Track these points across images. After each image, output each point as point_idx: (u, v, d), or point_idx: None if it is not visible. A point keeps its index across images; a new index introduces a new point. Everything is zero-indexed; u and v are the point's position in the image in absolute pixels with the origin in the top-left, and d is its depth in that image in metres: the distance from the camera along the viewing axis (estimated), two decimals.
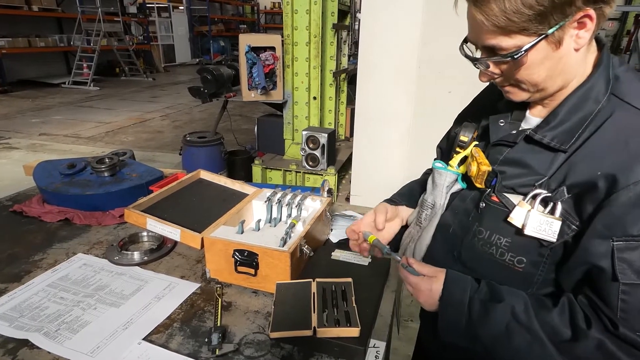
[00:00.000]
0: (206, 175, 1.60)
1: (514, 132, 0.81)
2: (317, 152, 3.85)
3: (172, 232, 1.23)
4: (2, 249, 1.32)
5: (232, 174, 4.06)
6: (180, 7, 15.82)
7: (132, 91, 10.29)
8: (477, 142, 0.88)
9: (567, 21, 0.65)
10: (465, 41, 0.76)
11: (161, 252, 1.32)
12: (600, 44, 0.76)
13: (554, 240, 0.71)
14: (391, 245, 1.03)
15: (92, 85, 10.28)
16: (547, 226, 0.71)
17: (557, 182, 0.72)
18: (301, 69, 3.93)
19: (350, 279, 1.09)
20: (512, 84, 0.76)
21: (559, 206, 0.71)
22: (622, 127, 0.69)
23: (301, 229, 1.23)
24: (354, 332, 0.93)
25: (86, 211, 1.54)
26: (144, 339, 0.96)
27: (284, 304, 1.01)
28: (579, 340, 0.67)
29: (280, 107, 4.19)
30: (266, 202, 1.37)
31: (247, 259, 1.11)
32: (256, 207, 1.41)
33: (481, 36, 0.70)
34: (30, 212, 1.54)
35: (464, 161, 0.88)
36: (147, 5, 13.78)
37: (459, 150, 0.89)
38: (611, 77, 0.72)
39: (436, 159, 1.04)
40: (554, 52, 0.68)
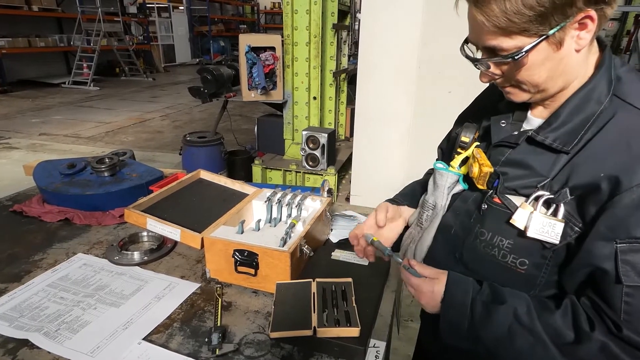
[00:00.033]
0: (206, 175, 1.60)
1: (516, 133, 0.80)
2: (317, 152, 3.84)
3: (172, 232, 1.23)
4: (2, 249, 1.32)
5: (232, 174, 4.06)
6: (180, 7, 15.82)
7: (132, 91, 10.28)
8: (479, 143, 0.87)
9: (568, 22, 0.65)
10: (466, 42, 0.75)
11: (161, 252, 1.32)
12: (602, 45, 0.75)
13: (557, 242, 0.71)
14: (393, 246, 1.02)
15: (92, 85, 10.28)
16: (549, 228, 0.71)
17: (559, 183, 0.72)
18: (301, 69, 3.93)
19: (350, 279, 1.09)
20: (512, 85, 0.75)
21: (562, 208, 0.70)
22: (624, 128, 0.68)
23: (301, 229, 1.23)
24: (354, 332, 0.93)
25: (86, 211, 1.54)
26: (144, 339, 0.96)
27: (284, 304, 1.01)
28: (582, 342, 0.67)
29: (280, 107, 4.19)
30: (266, 202, 1.37)
31: (247, 259, 1.11)
32: (256, 207, 1.41)
33: (482, 37, 0.70)
34: (30, 212, 1.54)
35: (465, 162, 0.87)
36: (147, 5, 13.78)
37: (460, 151, 0.88)
38: (613, 78, 0.72)
39: (437, 160, 1.03)
40: (555, 53, 0.68)
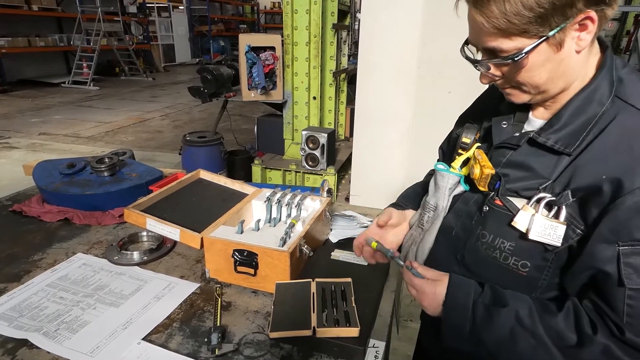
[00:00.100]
0: (206, 175, 1.60)
1: (517, 134, 0.80)
2: (317, 152, 3.84)
3: (171, 232, 1.23)
4: (2, 249, 1.32)
5: (231, 174, 4.06)
6: (180, 7, 15.82)
7: (132, 91, 10.28)
8: (480, 144, 0.87)
9: (568, 23, 0.64)
10: (466, 43, 0.75)
11: (161, 252, 1.32)
12: (603, 46, 0.75)
13: (559, 244, 0.70)
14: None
15: (92, 84, 10.27)
16: (551, 230, 0.70)
17: (561, 185, 0.71)
18: (301, 68, 3.93)
19: (349, 279, 1.09)
20: (513, 86, 0.75)
21: (564, 210, 0.70)
22: (626, 130, 0.68)
23: (301, 229, 1.23)
24: (353, 332, 0.93)
25: (86, 211, 1.54)
26: (143, 339, 0.96)
27: (283, 304, 1.01)
28: (584, 345, 0.67)
29: (280, 107, 4.19)
30: (266, 202, 1.37)
31: (247, 259, 1.11)
32: (256, 207, 1.42)
33: (482, 38, 0.70)
34: (29, 211, 1.54)
35: (467, 163, 0.87)
36: (147, 4, 13.77)
37: (461, 152, 0.87)
38: (615, 80, 0.71)
39: (438, 161, 1.03)
40: (555, 55, 0.68)
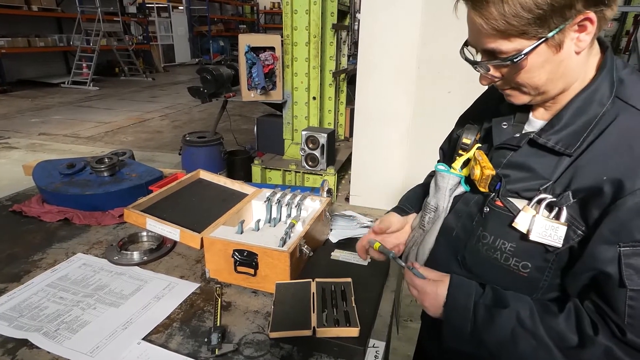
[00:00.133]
0: (206, 175, 1.60)
1: (517, 135, 0.80)
2: (317, 152, 3.84)
3: (171, 232, 1.23)
4: (2, 249, 1.32)
5: (231, 174, 4.06)
6: (179, 7, 15.82)
7: (131, 91, 10.28)
8: (480, 145, 0.87)
9: (567, 24, 0.64)
10: (465, 44, 0.75)
11: (161, 252, 1.33)
12: (603, 46, 0.75)
13: (560, 245, 0.70)
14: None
15: (91, 85, 10.27)
16: (552, 231, 0.70)
17: (562, 186, 0.71)
18: (301, 69, 3.93)
19: (349, 279, 1.09)
20: (512, 87, 0.75)
21: (564, 211, 0.70)
22: (626, 130, 0.68)
23: (301, 229, 1.23)
24: (353, 332, 0.93)
25: (86, 211, 1.54)
26: (143, 339, 0.96)
27: (283, 304, 1.01)
28: (586, 346, 0.67)
29: (279, 107, 4.19)
30: (266, 202, 1.37)
31: (247, 259, 1.11)
32: (256, 207, 1.42)
33: (481, 40, 0.70)
34: (29, 212, 1.54)
35: (467, 164, 0.87)
36: (147, 5, 13.77)
37: (461, 152, 0.87)
38: (615, 80, 0.71)
39: (439, 161, 1.03)
40: (555, 56, 0.68)
